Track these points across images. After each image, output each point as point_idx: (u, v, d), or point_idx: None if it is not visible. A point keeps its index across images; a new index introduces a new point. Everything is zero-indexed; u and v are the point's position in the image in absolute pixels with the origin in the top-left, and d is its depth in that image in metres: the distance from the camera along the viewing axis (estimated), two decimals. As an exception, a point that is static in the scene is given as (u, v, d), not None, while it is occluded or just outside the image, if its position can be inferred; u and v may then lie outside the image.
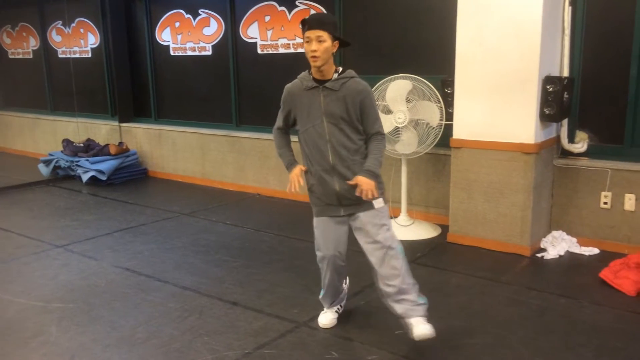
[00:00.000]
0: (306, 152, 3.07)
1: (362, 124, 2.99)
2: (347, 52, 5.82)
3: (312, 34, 2.87)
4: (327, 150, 2.97)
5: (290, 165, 3.14)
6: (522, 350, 3.01)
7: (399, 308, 3.00)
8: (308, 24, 2.89)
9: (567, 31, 4.41)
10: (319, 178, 3.02)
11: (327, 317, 3.31)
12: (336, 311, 3.35)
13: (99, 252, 4.72)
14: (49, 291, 3.92)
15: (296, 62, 6.26)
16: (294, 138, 3.14)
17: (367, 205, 3.00)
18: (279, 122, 3.22)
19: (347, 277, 3.50)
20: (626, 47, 4.32)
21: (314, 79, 2.99)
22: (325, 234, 3.11)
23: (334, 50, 2.93)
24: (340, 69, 3.00)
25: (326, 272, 3.20)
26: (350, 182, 2.94)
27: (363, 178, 2.92)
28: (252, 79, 6.76)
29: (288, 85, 3.12)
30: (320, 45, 2.86)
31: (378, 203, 3.01)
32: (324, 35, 2.87)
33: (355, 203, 3.00)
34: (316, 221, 3.15)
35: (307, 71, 3.05)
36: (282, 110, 3.17)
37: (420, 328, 2.93)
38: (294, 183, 3.06)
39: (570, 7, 4.37)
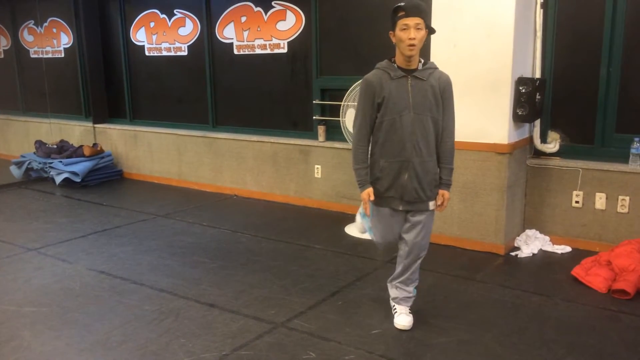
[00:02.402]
0: (380, 142, 2.98)
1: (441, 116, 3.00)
2: (324, 52, 5.84)
3: (411, 21, 2.78)
4: (408, 143, 2.92)
5: (363, 184, 3.05)
6: (497, 347, 3.06)
7: (393, 292, 3.32)
8: (406, 11, 2.80)
9: (539, 33, 4.49)
10: (389, 169, 2.98)
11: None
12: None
13: (73, 254, 4.65)
14: (22, 295, 3.86)
15: (273, 63, 6.26)
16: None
17: (424, 205, 3.05)
18: (362, 124, 3.01)
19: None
20: (596, 48, 4.42)
21: (400, 68, 2.92)
22: (385, 224, 3.11)
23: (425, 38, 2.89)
24: (422, 60, 2.96)
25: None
26: (438, 204, 3.10)
27: (447, 193, 3.08)
28: (229, 79, 6.73)
29: (368, 77, 2.97)
30: (418, 33, 2.80)
31: (432, 205, 3.09)
32: (422, 23, 2.81)
33: (415, 201, 3.02)
34: (376, 211, 3.11)
35: (387, 60, 2.97)
36: (365, 104, 2.98)
37: (402, 318, 3.26)
38: (365, 207, 3.07)
39: (541, 10, 4.45)
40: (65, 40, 8.36)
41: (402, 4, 2.83)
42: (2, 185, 7.31)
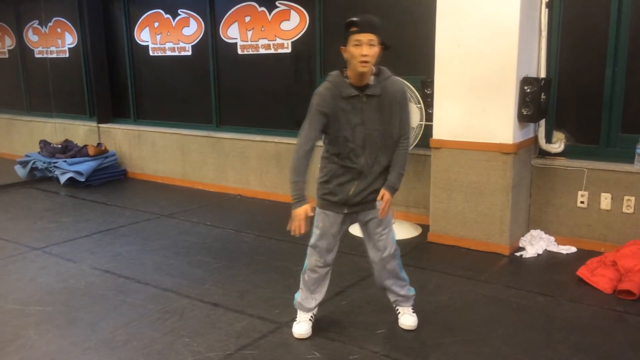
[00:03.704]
0: (332, 153, 2.94)
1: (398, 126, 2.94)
2: (328, 52, 5.84)
3: (364, 37, 2.73)
4: (361, 158, 2.89)
5: (299, 200, 2.90)
6: (502, 347, 3.05)
7: (390, 297, 3.29)
8: (359, 27, 2.75)
9: (544, 33, 4.47)
10: (340, 177, 2.94)
11: (302, 327, 3.20)
12: (310, 319, 3.25)
13: (77, 254, 4.66)
14: (27, 294, 3.86)
15: (277, 63, 6.26)
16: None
17: (371, 205, 3.00)
18: (309, 137, 2.88)
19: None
20: (601, 48, 4.40)
21: (352, 85, 2.83)
22: (329, 227, 3.04)
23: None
24: (374, 69, 2.87)
25: (316, 271, 3.14)
26: (378, 199, 2.98)
27: (388, 195, 2.97)
28: (233, 79, 6.73)
29: (321, 91, 2.87)
30: (371, 50, 2.73)
31: (380, 205, 3.02)
32: (375, 39, 2.75)
33: (360, 203, 2.99)
34: (321, 215, 3.04)
35: (338, 73, 2.88)
36: (315, 119, 2.87)
37: (406, 318, 3.26)
38: (297, 225, 2.89)
39: (547, 9, 4.43)
40: (70, 40, 8.37)
41: (355, 19, 2.78)
42: (6, 184, 7.33)
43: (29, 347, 3.14)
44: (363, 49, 2.73)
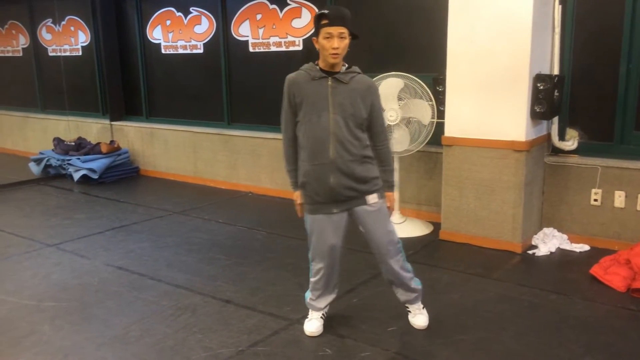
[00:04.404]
0: (303, 145, 2.95)
1: (369, 122, 2.95)
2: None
3: (335, 30, 2.76)
4: (329, 143, 2.87)
5: (294, 187, 3.11)
6: (514, 346, 3.04)
7: (400, 295, 3.24)
8: (329, 20, 2.77)
9: (558, 29, 4.44)
10: (313, 173, 2.93)
11: (314, 325, 3.20)
12: (321, 317, 3.25)
13: (91, 250, 4.71)
14: (42, 290, 3.91)
15: (288, 61, 6.26)
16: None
17: (361, 200, 2.97)
18: (287, 124, 3.00)
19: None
20: (615, 45, 4.36)
21: (322, 70, 2.91)
22: (322, 232, 3.02)
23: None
24: (345, 66, 2.94)
25: (321, 273, 3.14)
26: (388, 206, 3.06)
27: (390, 194, 3.06)
28: (244, 77, 6.75)
29: (290, 75, 2.98)
30: (341, 43, 2.79)
31: (372, 199, 2.98)
32: (346, 32, 2.79)
33: (348, 199, 2.96)
34: (311, 219, 3.05)
35: (310, 63, 2.97)
36: (287, 104, 2.97)
37: (418, 318, 3.25)
38: (298, 209, 3.13)
39: (560, 6, 4.40)
40: (83, 38, 8.43)
41: (326, 11, 2.79)
42: (21, 181, 7.41)
43: (44, 343, 3.18)
44: (334, 42, 2.79)
